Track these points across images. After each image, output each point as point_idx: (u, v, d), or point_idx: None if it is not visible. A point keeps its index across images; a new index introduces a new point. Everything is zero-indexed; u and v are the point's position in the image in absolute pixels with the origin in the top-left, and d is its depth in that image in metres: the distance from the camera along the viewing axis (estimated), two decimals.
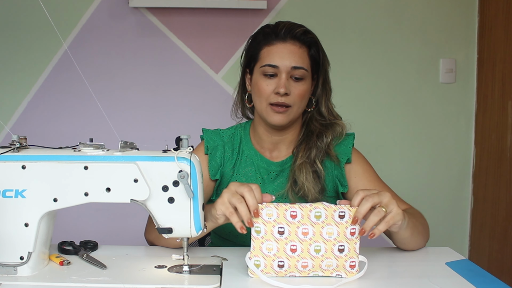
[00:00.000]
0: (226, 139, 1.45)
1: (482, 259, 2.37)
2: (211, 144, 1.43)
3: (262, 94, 1.34)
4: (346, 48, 2.35)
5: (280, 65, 1.32)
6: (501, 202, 2.24)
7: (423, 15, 2.39)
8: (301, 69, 1.33)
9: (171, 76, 2.34)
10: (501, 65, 2.24)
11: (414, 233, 1.22)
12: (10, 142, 1.08)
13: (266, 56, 1.34)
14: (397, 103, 2.42)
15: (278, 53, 1.33)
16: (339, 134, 1.40)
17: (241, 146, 1.45)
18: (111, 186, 1.04)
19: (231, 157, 1.43)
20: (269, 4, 2.28)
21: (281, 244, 1.06)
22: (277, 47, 1.33)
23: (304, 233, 1.06)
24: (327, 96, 1.42)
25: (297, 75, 1.33)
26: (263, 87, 1.33)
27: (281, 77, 1.32)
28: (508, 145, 2.19)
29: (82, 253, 1.18)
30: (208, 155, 1.42)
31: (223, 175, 1.42)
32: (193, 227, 1.06)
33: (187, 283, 1.04)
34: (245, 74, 1.44)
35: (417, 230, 1.24)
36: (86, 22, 2.29)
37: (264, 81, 1.34)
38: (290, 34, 1.34)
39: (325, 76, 1.41)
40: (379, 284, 1.08)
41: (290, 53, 1.32)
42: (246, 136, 1.46)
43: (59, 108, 2.32)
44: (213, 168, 1.41)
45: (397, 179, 2.43)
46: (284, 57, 1.32)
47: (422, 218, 1.31)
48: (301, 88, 1.34)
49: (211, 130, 1.47)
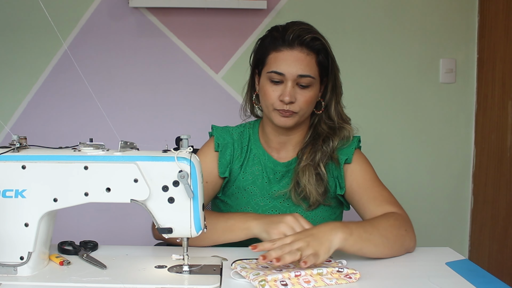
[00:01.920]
0: (236, 137, 1.45)
1: (482, 259, 2.37)
2: (221, 141, 1.44)
3: (267, 99, 1.34)
4: (346, 48, 2.35)
5: (286, 73, 1.31)
6: (501, 202, 2.24)
7: (423, 15, 2.39)
8: (308, 77, 1.31)
9: (171, 76, 2.34)
10: (501, 65, 2.24)
11: (367, 247, 1.17)
12: (10, 142, 1.08)
13: (273, 62, 1.33)
14: (397, 103, 2.42)
15: (284, 61, 1.31)
16: (345, 139, 1.40)
17: (250, 144, 1.45)
18: (111, 186, 1.04)
19: (240, 155, 1.44)
20: (269, 4, 2.28)
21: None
22: (284, 54, 1.32)
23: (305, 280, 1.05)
24: (336, 100, 1.41)
25: (303, 83, 1.32)
26: (269, 93, 1.33)
27: (287, 85, 1.31)
28: (508, 145, 2.19)
29: (82, 253, 1.18)
30: (219, 152, 1.42)
31: (231, 173, 1.43)
32: (193, 227, 1.07)
33: (187, 283, 1.04)
34: (254, 74, 1.44)
35: (372, 243, 1.17)
36: (86, 22, 2.29)
37: (270, 86, 1.33)
38: (297, 40, 1.31)
39: (334, 81, 1.40)
40: (379, 284, 1.08)
41: (297, 61, 1.31)
42: (255, 135, 1.46)
43: (59, 108, 2.32)
44: (223, 165, 1.42)
45: (397, 179, 2.44)
46: (290, 65, 1.30)
47: (390, 230, 1.22)
48: (307, 95, 1.33)
49: (220, 127, 1.48)
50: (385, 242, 1.20)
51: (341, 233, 1.12)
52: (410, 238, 1.26)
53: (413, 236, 1.27)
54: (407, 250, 1.25)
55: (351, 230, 1.14)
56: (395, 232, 1.22)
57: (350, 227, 1.15)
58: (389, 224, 1.24)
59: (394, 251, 1.22)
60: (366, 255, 1.19)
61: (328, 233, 1.11)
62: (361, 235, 1.16)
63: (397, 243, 1.22)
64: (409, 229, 1.27)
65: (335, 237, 1.11)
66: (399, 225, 1.25)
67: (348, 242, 1.13)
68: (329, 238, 1.10)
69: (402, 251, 1.24)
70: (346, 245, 1.13)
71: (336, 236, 1.11)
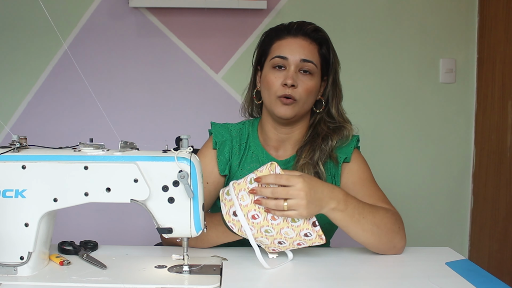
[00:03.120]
0: (234, 134, 1.46)
1: (482, 259, 2.37)
2: (219, 139, 1.44)
3: (270, 87, 1.35)
4: (346, 48, 2.35)
5: (289, 57, 1.34)
6: (501, 202, 2.24)
7: (423, 15, 2.39)
8: (310, 63, 1.34)
9: (171, 76, 2.34)
10: (501, 65, 2.24)
11: (355, 228, 1.19)
12: (10, 142, 1.08)
13: (277, 49, 1.37)
14: (397, 103, 2.42)
15: (288, 46, 1.36)
16: (345, 138, 1.41)
17: (248, 141, 1.46)
18: (111, 186, 1.04)
19: (238, 152, 1.44)
20: (269, 4, 2.29)
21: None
22: (287, 41, 1.37)
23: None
24: (337, 98, 1.43)
25: (305, 68, 1.34)
26: (272, 80, 1.35)
27: (289, 69, 1.34)
28: (508, 145, 2.19)
29: (82, 253, 1.18)
30: (217, 150, 1.43)
31: (231, 170, 1.43)
32: (193, 227, 1.07)
33: (187, 283, 1.04)
34: (256, 72, 1.46)
35: (361, 226, 1.19)
36: (86, 22, 2.29)
37: (273, 73, 1.36)
38: (301, 30, 1.37)
39: (335, 76, 1.43)
40: (379, 284, 1.08)
41: (300, 47, 1.35)
42: (254, 132, 1.47)
43: (59, 108, 2.32)
44: (222, 163, 1.42)
45: (397, 179, 2.44)
46: (293, 50, 1.35)
47: (384, 222, 1.22)
48: (308, 82, 1.35)
49: (219, 124, 1.48)
50: (374, 230, 1.20)
51: (335, 204, 1.16)
52: (401, 237, 1.25)
53: (404, 236, 1.26)
54: (395, 249, 1.24)
55: (346, 206, 1.17)
56: (388, 225, 1.23)
57: (347, 203, 1.18)
58: (386, 216, 1.24)
59: (382, 243, 1.22)
60: (350, 234, 1.21)
61: (325, 200, 1.15)
62: (353, 215, 1.18)
63: (387, 236, 1.22)
64: (401, 229, 1.27)
65: (326, 205, 1.15)
66: (394, 221, 1.25)
67: (337, 215, 1.17)
68: (321, 204, 1.14)
69: (390, 247, 1.24)
70: (334, 217, 1.17)
71: (328, 204, 1.15)
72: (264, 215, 1.12)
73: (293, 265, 1.17)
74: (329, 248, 1.40)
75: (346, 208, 1.17)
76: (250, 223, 1.12)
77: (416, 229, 2.36)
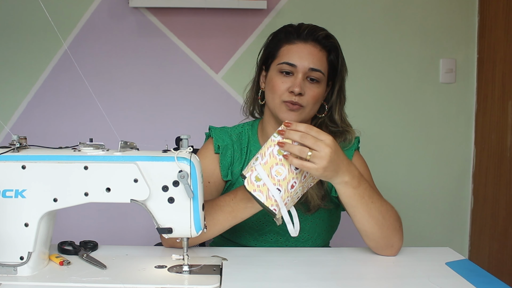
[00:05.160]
0: (235, 138, 1.44)
1: (482, 259, 2.37)
2: (221, 143, 1.42)
3: (276, 91, 1.33)
4: (346, 48, 2.31)
5: (298, 65, 1.32)
6: (501, 202, 2.24)
7: (423, 15, 2.39)
8: (318, 72, 1.32)
9: (171, 76, 2.34)
10: (501, 65, 2.24)
11: (362, 210, 1.18)
12: (10, 142, 1.08)
13: (285, 54, 1.34)
14: (397, 103, 2.42)
15: (297, 53, 1.33)
16: (347, 141, 1.40)
17: (249, 146, 1.44)
18: (111, 186, 1.04)
19: (240, 157, 1.42)
20: (269, 4, 2.28)
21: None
22: (297, 46, 1.34)
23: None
24: (341, 104, 1.42)
25: (313, 77, 1.32)
26: (278, 84, 1.33)
27: (297, 77, 1.31)
28: (508, 145, 2.19)
29: (82, 253, 1.18)
30: (219, 154, 1.41)
31: (233, 175, 1.41)
32: (193, 227, 1.07)
33: (187, 283, 1.04)
34: (261, 71, 1.43)
35: (368, 210, 1.19)
36: (86, 22, 2.29)
37: (279, 78, 1.34)
38: (312, 36, 1.34)
39: (341, 83, 1.41)
40: (379, 284, 1.08)
41: (310, 54, 1.33)
42: (254, 135, 1.45)
43: (59, 108, 2.32)
44: (224, 168, 1.40)
45: (397, 179, 2.44)
46: (303, 57, 1.32)
47: (389, 215, 1.23)
48: (315, 90, 1.33)
49: (219, 128, 1.46)
50: (380, 219, 1.20)
51: (349, 178, 1.15)
52: (400, 237, 1.25)
53: (402, 237, 1.26)
54: (393, 248, 1.24)
55: (359, 184, 1.17)
56: (392, 220, 1.23)
57: (360, 182, 1.17)
58: (391, 210, 1.24)
59: (383, 237, 1.21)
60: (355, 218, 1.20)
61: (342, 169, 1.14)
62: (363, 196, 1.18)
63: (389, 231, 1.22)
64: (401, 229, 1.26)
65: (341, 175, 1.14)
66: (397, 219, 1.25)
67: (348, 190, 1.16)
68: (337, 170, 1.13)
69: (389, 246, 1.23)
70: (345, 192, 1.17)
71: (343, 175, 1.14)
72: (288, 167, 1.10)
73: (293, 265, 1.17)
74: (329, 248, 1.40)
75: (359, 186, 1.16)
76: (276, 182, 1.10)
77: (416, 229, 2.36)
